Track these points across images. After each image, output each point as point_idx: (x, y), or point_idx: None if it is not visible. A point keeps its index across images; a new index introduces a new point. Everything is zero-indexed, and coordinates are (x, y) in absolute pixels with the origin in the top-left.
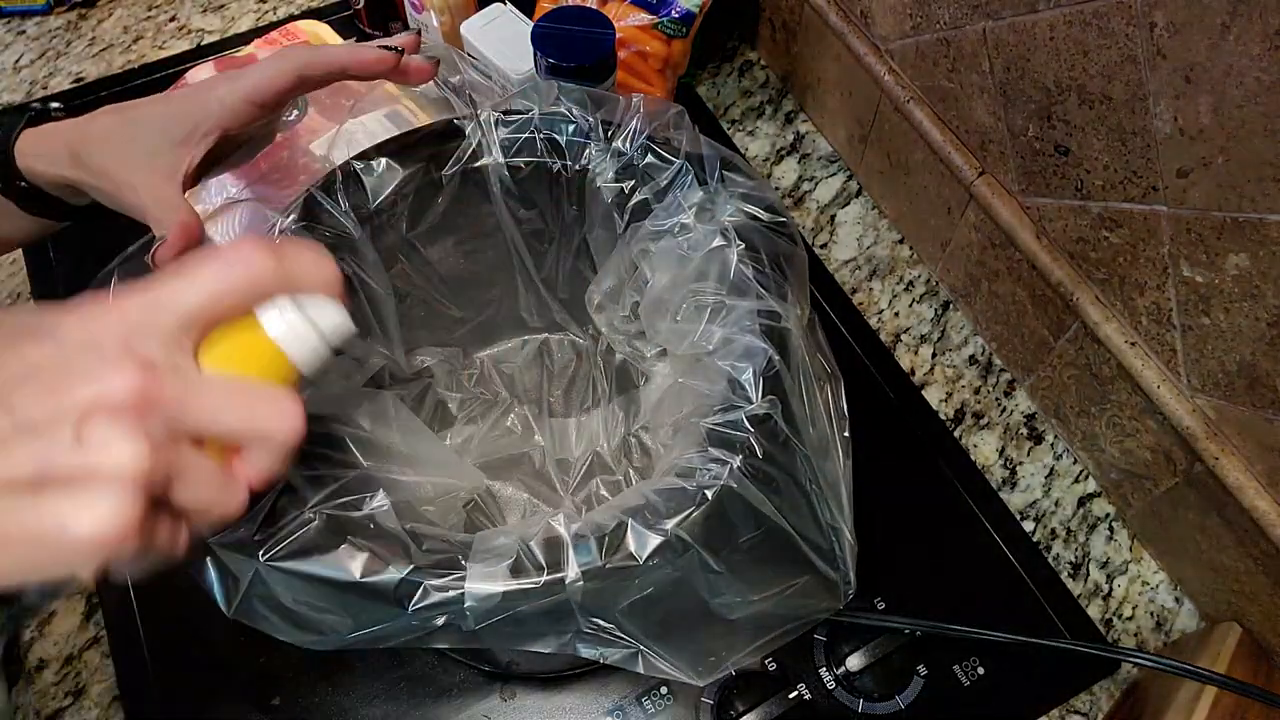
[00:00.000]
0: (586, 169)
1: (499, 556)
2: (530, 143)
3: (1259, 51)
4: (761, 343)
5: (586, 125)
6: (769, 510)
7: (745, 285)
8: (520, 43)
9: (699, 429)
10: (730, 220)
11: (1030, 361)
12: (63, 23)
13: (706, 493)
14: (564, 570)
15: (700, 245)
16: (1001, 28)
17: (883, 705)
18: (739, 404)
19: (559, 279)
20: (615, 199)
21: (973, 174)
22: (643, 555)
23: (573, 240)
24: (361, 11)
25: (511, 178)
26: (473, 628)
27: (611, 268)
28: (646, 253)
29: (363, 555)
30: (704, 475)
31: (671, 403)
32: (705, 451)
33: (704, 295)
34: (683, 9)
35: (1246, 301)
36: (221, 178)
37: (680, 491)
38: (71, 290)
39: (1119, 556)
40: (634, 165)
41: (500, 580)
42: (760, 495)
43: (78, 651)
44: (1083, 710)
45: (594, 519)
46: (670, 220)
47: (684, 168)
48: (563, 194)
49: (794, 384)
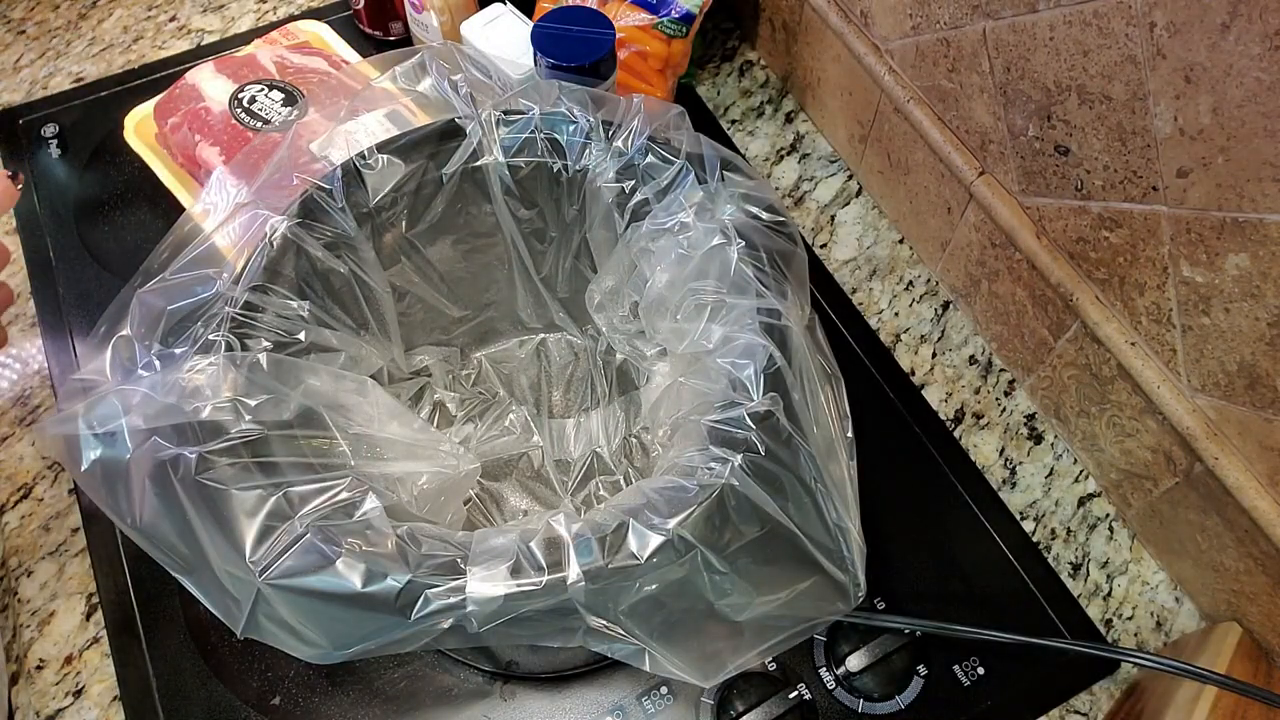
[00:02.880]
0: (587, 169)
1: (498, 558)
2: (531, 142)
3: (1259, 51)
4: (762, 340)
5: (587, 125)
6: (773, 509)
7: (745, 284)
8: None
9: (700, 427)
10: (730, 219)
11: (1030, 361)
12: (63, 23)
13: (708, 491)
14: (565, 571)
15: (700, 244)
16: (1001, 28)
17: (883, 705)
18: (740, 401)
19: (558, 278)
20: (616, 199)
21: (973, 174)
22: (644, 555)
23: (572, 240)
24: (361, 11)
25: (512, 177)
26: (478, 630)
27: (612, 267)
28: (647, 252)
29: (360, 566)
30: (705, 474)
31: (671, 402)
32: (706, 450)
33: (704, 294)
34: (683, 9)
35: (1246, 301)
36: (221, 177)
37: (681, 490)
38: (72, 290)
39: (1119, 556)
40: (635, 165)
41: (501, 583)
42: (763, 494)
43: (78, 651)
44: (1083, 710)
45: (594, 518)
46: (670, 219)
47: (684, 168)
48: (563, 194)
49: (795, 382)
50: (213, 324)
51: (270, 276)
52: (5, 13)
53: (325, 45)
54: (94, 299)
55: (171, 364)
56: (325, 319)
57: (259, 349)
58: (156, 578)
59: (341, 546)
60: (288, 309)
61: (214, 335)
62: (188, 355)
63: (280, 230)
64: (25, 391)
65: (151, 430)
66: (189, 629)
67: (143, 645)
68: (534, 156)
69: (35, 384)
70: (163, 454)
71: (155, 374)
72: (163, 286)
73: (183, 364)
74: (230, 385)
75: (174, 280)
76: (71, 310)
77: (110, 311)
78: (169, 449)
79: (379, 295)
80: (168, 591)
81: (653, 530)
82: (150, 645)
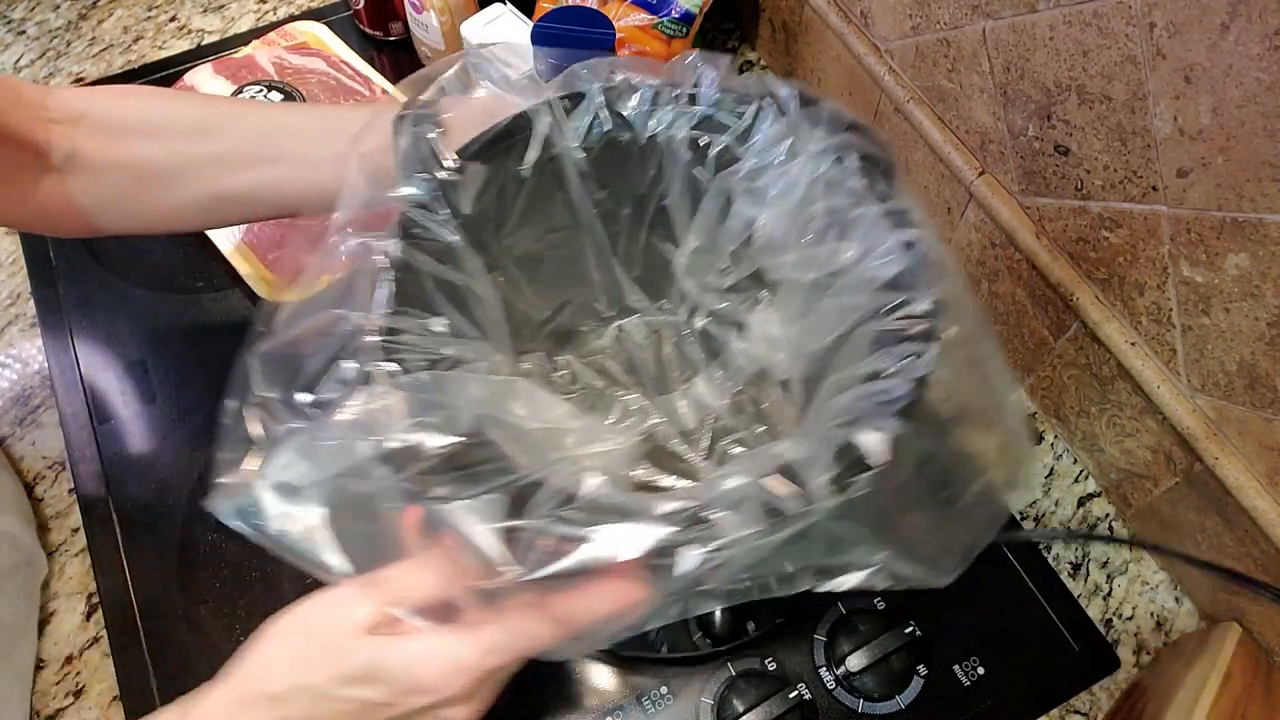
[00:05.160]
0: (658, 134)
1: (742, 498)
2: (598, 121)
3: (1259, 51)
4: (906, 235)
5: (651, 91)
6: (967, 386)
7: (864, 195)
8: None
9: (868, 334)
10: (825, 143)
11: (1030, 361)
12: (63, 23)
13: (915, 380)
14: (812, 493)
15: (808, 169)
16: (1001, 28)
17: (883, 705)
18: (910, 298)
19: (632, 257)
20: (695, 156)
21: (973, 174)
22: (883, 458)
23: (645, 214)
24: (361, 12)
25: (585, 160)
26: (735, 577)
27: (697, 226)
28: (749, 192)
29: (618, 536)
30: (902, 370)
31: (804, 337)
32: (888, 351)
33: (829, 213)
34: (683, 9)
35: (1246, 301)
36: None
37: (883, 393)
38: (72, 290)
39: (1119, 556)
40: (710, 116)
41: (751, 519)
42: (954, 373)
43: (78, 651)
44: (1083, 710)
45: (809, 441)
46: (765, 157)
47: (761, 106)
48: (634, 167)
49: (945, 271)
50: (360, 357)
51: (401, 300)
52: (5, 13)
53: (324, 46)
54: (94, 299)
55: (330, 407)
56: (460, 331)
57: (416, 370)
58: (156, 578)
59: (588, 525)
60: (425, 329)
61: (368, 367)
62: (347, 394)
63: (393, 251)
64: (25, 391)
65: (342, 473)
66: (189, 629)
67: (143, 645)
68: (605, 134)
69: (35, 384)
70: (364, 489)
71: (315, 422)
72: (287, 339)
73: (344, 403)
74: (406, 409)
75: (297, 329)
76: (71, 310)
77: (235, 387)
78: (369, 484)
79: (487, 302)
80: (168, 591)
81: (879, 432)
82: (150, 645)
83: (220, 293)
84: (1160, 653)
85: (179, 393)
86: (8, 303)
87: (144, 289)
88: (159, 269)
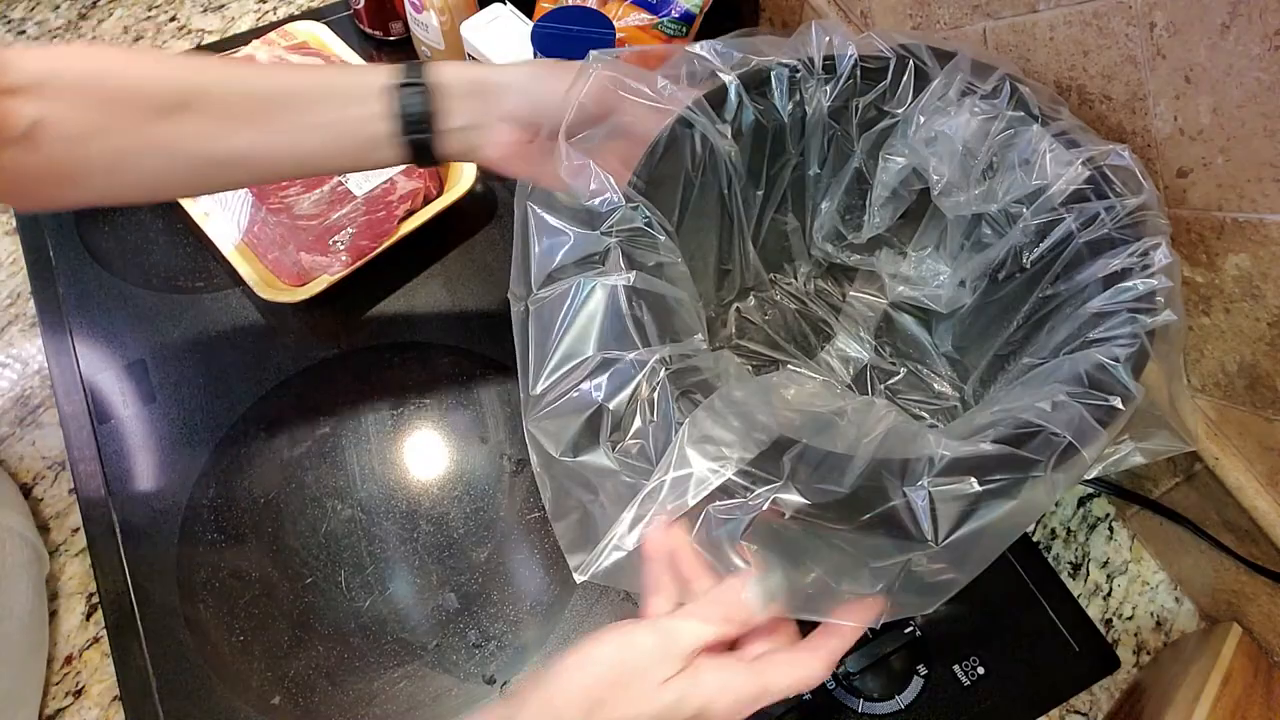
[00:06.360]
0: (803, 108)
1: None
2: (743, 109)
3: (1259, 51)
4: (1087, 150)
5: (786, 70)
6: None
7: (1027, 127)
8: (520, 43)
9: (1075, 263)
10: (987, 86)
11: None
12: (63, 22)
13: (1148, 310)
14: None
15: (976, 114)
16: (1001, 28)
17: (883, 705)
18: (1112, 201)
19: (760, 237)
20: (840, 123)
21: None
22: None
23: (775, 192)
24: (361, 11)
25: (736, 149)
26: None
27: (835, 188)
28: (933, 140)
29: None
30: (1138, 297)
31: (971, 264)
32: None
33: (997, 149)
34: (683, 9)
35: (1246, 301)
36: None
37: (1120, 326)
38: (71, 290)
39: (1119, 556)
40: (852, 80)
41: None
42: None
43: (78, 651)
44: (1083, 710)
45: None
46: (932, 104)
47: (899, 63)
48: (769, 147)
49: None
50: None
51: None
52: (5, 13)
53: (323, 46)
54: (94, 299)
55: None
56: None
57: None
58: (157, 578)
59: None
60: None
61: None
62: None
63: (632, 282)
64: (25, 391)
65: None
66: (189, 629)
67: (143, 645)
68: (750, 122)
69: (35, 384)
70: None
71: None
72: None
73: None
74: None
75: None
76: (71, 310)
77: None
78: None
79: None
80: (168, 591)
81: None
82: (150, 645)
83: (220, 293)
84: (1160, 653)
85: (179, 393)
86: (8, 303)
87: (144, 289)
88: (159, 269)
